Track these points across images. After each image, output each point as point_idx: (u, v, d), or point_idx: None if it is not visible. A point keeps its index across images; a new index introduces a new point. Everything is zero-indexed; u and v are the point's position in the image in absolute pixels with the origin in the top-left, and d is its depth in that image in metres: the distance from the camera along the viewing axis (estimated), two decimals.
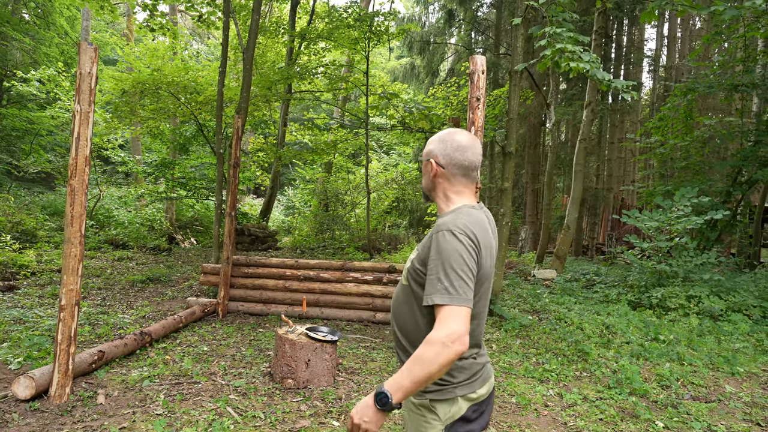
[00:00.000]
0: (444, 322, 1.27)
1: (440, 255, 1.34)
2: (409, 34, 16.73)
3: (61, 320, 3.26)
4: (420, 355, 1.25)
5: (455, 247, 1.33)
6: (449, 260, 1.32)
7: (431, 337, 1.26)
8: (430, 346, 1.24)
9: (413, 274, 1.46)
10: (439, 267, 1.33)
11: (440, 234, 1.37)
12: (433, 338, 1.25)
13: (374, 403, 1.29)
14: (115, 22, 18.57)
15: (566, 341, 5.26)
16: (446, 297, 1.28)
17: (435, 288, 1.31)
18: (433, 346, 1.24)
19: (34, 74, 12.60)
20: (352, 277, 6.10)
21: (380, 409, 1.28)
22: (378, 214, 16.62)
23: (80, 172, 3.28)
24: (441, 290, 1.30)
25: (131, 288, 7.33)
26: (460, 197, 1.53)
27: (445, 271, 1.31)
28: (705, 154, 11.49)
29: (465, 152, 1.51)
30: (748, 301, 6.67)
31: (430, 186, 1.56)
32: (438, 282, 1.31)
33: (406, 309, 1.49)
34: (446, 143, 1.52)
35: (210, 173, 13.76)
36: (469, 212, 1.45)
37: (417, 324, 1.45)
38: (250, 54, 8.56)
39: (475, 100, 3.66)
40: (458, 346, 1.24)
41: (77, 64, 3.28)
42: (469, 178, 1.53)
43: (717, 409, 3.67)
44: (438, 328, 1.26)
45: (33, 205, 12.69)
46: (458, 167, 1.51)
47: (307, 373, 3.74)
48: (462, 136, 1.53)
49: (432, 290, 1.32)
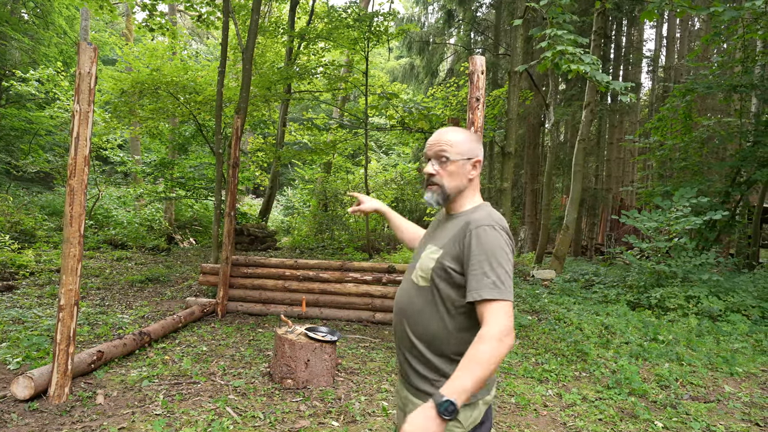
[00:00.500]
0: (495, 318, 1.27)
1: (484, 250, 1.33)
2: (408, 35, 16.74)
3: (60, 320, 3.26)
4: (475, 354, 1.24)
5: (498, 242, 1.35)
6: (495, 255, 1.33)
7: (485, 334, 1.25)
8: (486, 343, 1.23)
9: (441, 274, 1.41)
10: (484, 262, 1.32)
11: (481, 229, 1.37)
12: (487, 335, 1.24)
13: (438, 415, 1.20)
14: (114, 22, 18.54)
15: (565, 341, 5.26)
16: (495, 292, 1.29)
17: (482, 283, 1.30)
18: (489, 343, 1.23)
19: (33, 74, 12.58)
20: (351, 278, 6.10)
21: (447, 418, 1.21)
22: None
23: (79, 172, 3.27)
24: (489, 285, 1.30)
25: (130, 288, 7.32)
26: (479, 195, 1.57)
27: (491, 265, 1.31)
28: (704, 155, 11.52)
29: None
30: (746, 302, 6.68)
31: (464, 186, 1.52)
32: (485, 277, 1.31)
33: (427, 311, 1.44)
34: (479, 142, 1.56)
35: (209, 173, 13.76)
36: (493, 209, 1.48)
37: (443, 326, 1.41)
38: (249, 54, 8.56)
39: (475, 100, 3.66)
40: (510, 341, 1.25)
41: (76, 64, 3.28)
42: None
43: (716, 409, 3.67)
44: (490, 324, 1.26)
45: (32, 205, 12.68)
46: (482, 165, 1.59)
47: (306, 373, 3.74)
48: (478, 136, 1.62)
49: (478, 285, 1.31)
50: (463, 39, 17.79)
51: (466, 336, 1.38)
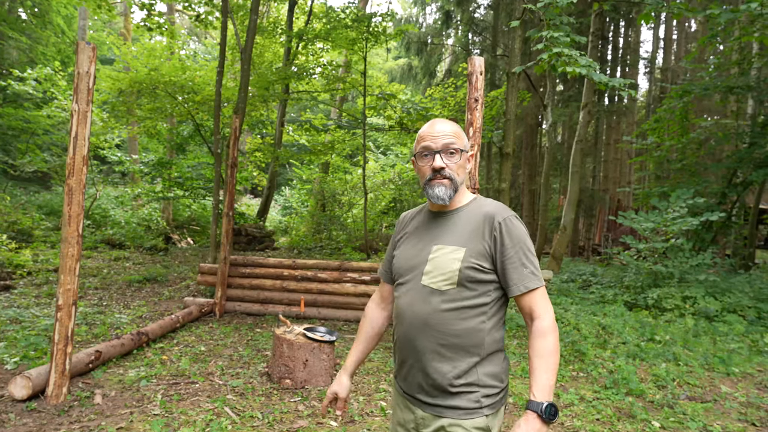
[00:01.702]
0: (543, 306, 1.32)
1: (517, 241, 1.35)
2: (406, 35, 16.76)
3: (58, 320, 3.26)
4: (547, 348, 1.29)
5: (524, 231, 1.38)
6: (525, 244, 1.35)
7: (545, 326, 1.30)
8: (551, 334, 1.30)
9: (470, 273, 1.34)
10: (520, 253, 1.34)
11: (508, 221, 1.37)
12: (548, 326, 1.30)
13: (545, 421, 1.22)
14: (113, 21, 18.50)
15: (563, 341, 5.28)
16: (536, 280, 1.33)
17: (523, 274, 1.33)
18: (553, 333, 1.30)
19: (30, 73, 12.55)
20: (349, 278, 6.11)
21: (551, 421, 1.24)
22: (375, 214, 16.62)
23: (78, 171, 3.27)
24: (529, 275, 1.33)
25: (128, 288, 7.31)
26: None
27: (526, 255, 1.34)
28: (700, 156, 11.56)
29: None
30: (743, 302, 6.71)
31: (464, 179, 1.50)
32: (523, 267, 1.33)
33: (458, 315, 1.35)
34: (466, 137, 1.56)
35: (207, 173, 13.74)
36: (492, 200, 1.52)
37: (480, 326, 1.35)
38: (247, 54, 8.56)
39: (474, 101, 3.67)
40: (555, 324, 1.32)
41: (75, 64, 3.28)
42: None
43: (713, 409, 3.69)
44: (543, 315, 1.31)
45: (29, 205, 12.64)
46: None
47: (304, 373, 3.74)
48: None
49: (521, 277, 1.33)
50: (461, 40, 17.82)
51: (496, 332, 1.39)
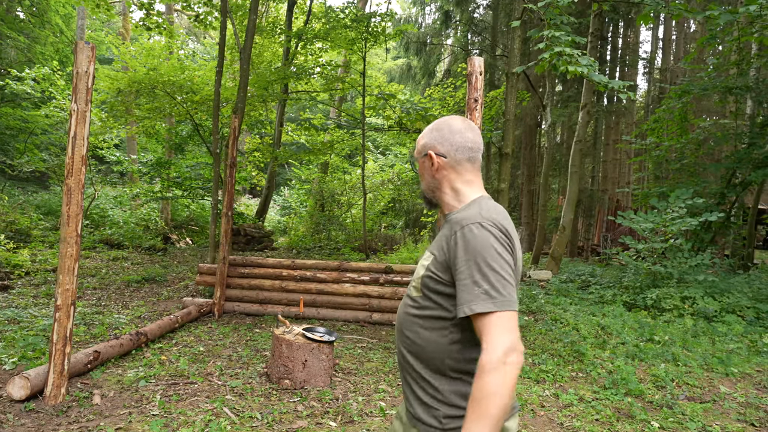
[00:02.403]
0: (493, 337, 1.05)
1: (471, 253, 1.12)
2: (405, 35, 16.76)
3: (56, 320, 3.24)
4: (482, 389, 1.03)
5: (489, 242, 1.12)
6: (484, 257, 1.10)
7: (485, 362, 1.04)
8: (490, 373, 1.03)
9: (430, 283, 1.22)
10: (473, 267, 1.10)
11: (466, 229, 1.15)
12: (488, 363, 1.03)
13: None
14: (111, 21, 18.50)
15: (562, 342, 5.28)
16: (489, 303, 1.07)
17: (472, 294, 1.09)
18: (493, 373, 1.03)
19: (28, 73, 12.52)
20: (348, 278, 6.10)
21: None
22: (374, 214, 16.63)
23: (77, 171, 3.26)
24: (480, 295, 1.08)
25: (126, 288, 7.30)
26: (472, 187, 1.32)
27: (481, 271, 1.09)
28: (699, 156, 11.57)
29: (465, 133, 1.33)
30: (741, 302, 6.72)
31: (434, 184, 1.35)
32: (475, 286, 1.09)
33: (420, 323, 1.25)
34: (441, 130, 1.33)
35: (205, 173, 13.73)
36: (489, 202, 1.26)
37: (438, 339, 1.21)
38: (247, 54, 8.55)
39: (473, 101, 3.67)
40: (516, 358, 1.04)
41: (74, 63, 3.27)
42: (475, 163, 1.33)
43: (712, 409, 3.69)
44: (489, 348, 1.05)
45: (27, 205, 12.61)
46: (463, 150, 1.31)
47: (303, 373, 3.73)
48: (456, 120, 1.35)
49: (469, 297, 1.09)
50: (460, 40, 17.83)
51: (463, 350, 1.20)
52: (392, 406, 3.48)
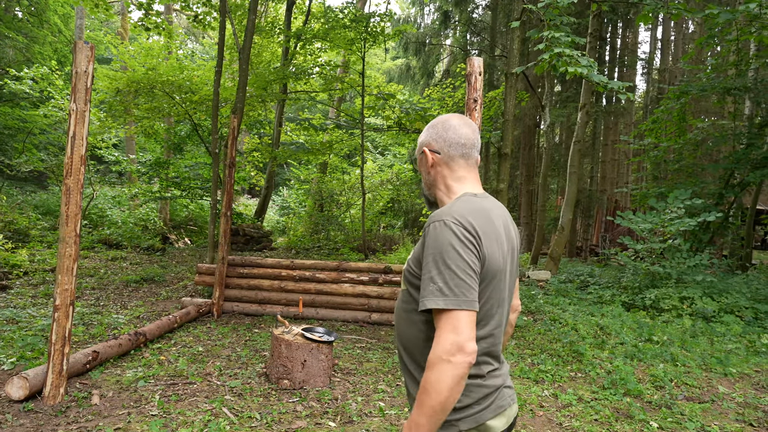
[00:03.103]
0: (441, 333, 1.07)
1: (432, 250, 1.13)
2: (404, 35, 16.76)
3: (55, 320, 3.24)
4: (425, 382, 1.07)
5: (448, 240, 1.12)
6: (442, 255, 1.11)
7: (430, 357, 1.07)
8: (431, 368, 1.06)
9: (409, 277, 1.26)
10: (431, 264, 1.12)
11: (431, 226, 1.17)
12: (432, 358, 1.07)
13: None
14: (110, 21, 18.47)
15: (561, 342, 5.28)
16: (441, 300, 1.08)
17: (427, 289, 1.11)
18: (434, 368, 1.05)
19: (27, 72, 12.50)
20: (347, 278, 6.10)
21: None
22: (373, 214, 16.62)
23: (76, 171, 3.26)
24: (434, 292, 1.09)
25: (125, 288, 7.29)
26: (462, 184, 1.33)
27: (438, 268, 1.11)
28: (698, 157, 11.59)
29: (459, 129, 1.33)
30: (740, 303, 6.74)
31: (431, 181, 1.37)
32: (430, 282, 1.11)
33: (404, 317, 1.28)
34: (436, 127, 1.35)
35: (204, 173, 13.72)
36: (468, 199, 1.26)
37: (416, 333, 1.24)
38: (246, 54, 8.54)
39: (473, 101, 3.67)
40: (463, 357, 1.04)
41: (73, 63, 3.26)
42: (469, 159, 1.34)
43: (710, 409, 3.70)
44: (436, 343, 1.07)
45: (25, 204, 12.59)
46: (455, 147, 1.32)
47: (303, 373, 3.73)
48: (453, 117, 1.37)
49: (425, 292, 1.11)
50: (459, 40, 17.82)
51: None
52: (391, 406, 3.48)
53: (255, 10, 8.74)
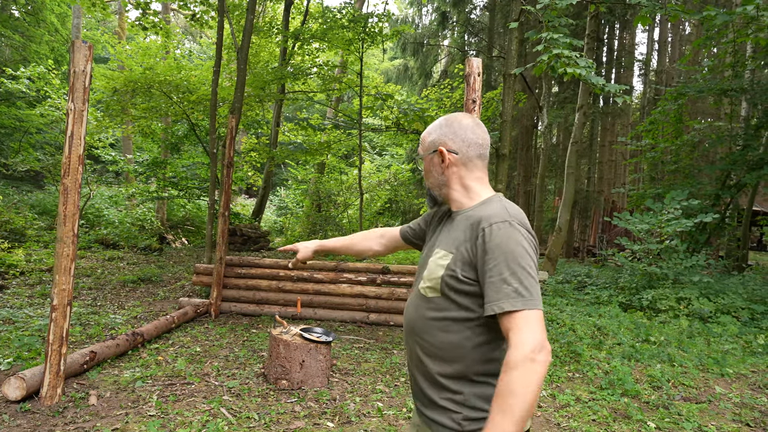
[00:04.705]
0: (522, 334, 1.05)
1: (501, 252, 1.11)
2: (402, 36, 16.77)
3: (52, 320, 3.23)
4: (508, 385, 1.03)
5: (518, 241, 1.12)
6: (514, 256, 1.10)
7: (513, 359, 1.03)
8: (517, 369, 1.02)
9: (452, 283, 1.19)
10: (502, 266, 1.10)
11: (495, 227, 1.14)
12: (516, 359, 1.03)
13: None
14: (107, 20, 18.42)
15: (558, 342, 5.29)
16: (519, 301, 1.06)
17: (502, 292, 1.08)
18: (520, 369, 1.02)
19: (23, 71, 12.44)
20: (345, 278, 6.10)
21: None
22: (371, 215, 16.62)
23: (73, 171, 3.24)
24: (510, 294, 1.07)
25: (122, 288, 7.26)
26: (482, 185, 1.32)
27: (511, 269, 1.09)
28: (694, 158, 11.64)
29: (476, 130, 1.32)
30: (736, 303, 6.76)
31: (442, 181, 1.33)
32: (504, 284, 1.08)
33: (438, 326, 1.22)
34: (453, 126, 1.33)
35: (202, 173, 13.68)
36: (509, 202, 1.25)
37: (459, 342, 1.19)
38: (244, 54, 8.53)
39: (471, 102, 3.68)
40: (545, 356, 1.04)
41: (70, 62, 3.25)
42: (485, 161, 1.34)
43: (707, 409, 3.71)
44: (517, 345, 1.04)
45: (21, 204, 12.54)
46: (474, 147, 1.31)
47: (301, 374, 3.73)
48: (465, 117, 1.34)
49: (498, 295, 1.08)
50: (457, 41, 17.84)
51: (487, 351, 1.19)
52: (389, 406, 3.48)
53: (253, 9, 8.72)
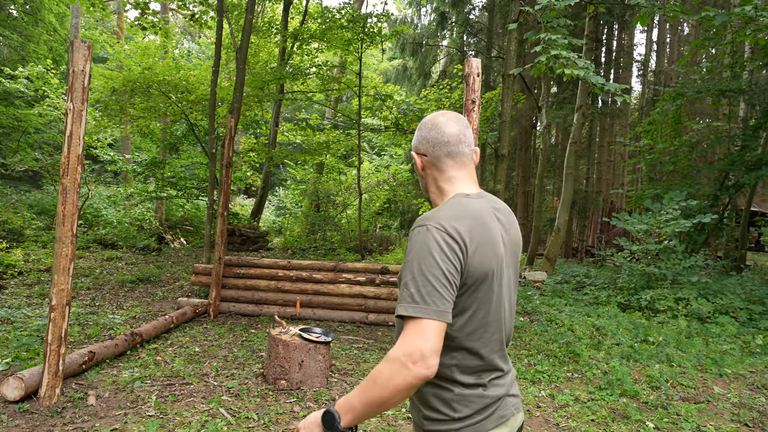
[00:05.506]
0: (405, 338, 1.03)
1: (410, 255, 1.10)
2: (401, 36, 16.77)
3: (51, 320, 3.22)
4: (376, 373, 1.04)
5: (427, 246, 1.08)
6: (419, 262, 1.08)
7: (390, 353, 1.04)
8: (387, 363, 1.03)
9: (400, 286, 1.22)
10: (407, 270, 1.09)
11: (414, 231, 1.13)
12: (391, 355, 1.03)
13: (321, 422, 1.10)
14: (106, 20, 18.38)
15: (557, 342, 5.30)
16: (410, 307, 1.04)
17: (401, 296, 1.08)
18: (389, 364, 1.02)
19: (22, 71, 12.43)
20: (344, 278, 6.09)
21: (326, 429, 1.09)
22: (369, 215, 16.62)
23: (72, 170, 3.24)
24: (406, 298, 1.06)
25: (121, 288, 7.25)
26: (453, 185, 1.27)
27: (412, 274, 1.07)
28: (693, 159, 11.66)
29: (443, 128, 1.25)
30: (734, 304, 6.77)
31: (425, 184, 1.33)
32: (404, 288, 1.08)
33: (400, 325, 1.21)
34: (422, 129, 1.30)
35: (200, 173, 13.67)
36: (458, 201, 1.20)
37: None
38: (243, 54, 8.52)
39: (470, 102, 3.68)
40: (420, 369, 1.00)
41: (70, 62, 3.24)
42: (456, 157, 1.26)
43: (706, 409, 3.72)
44: (399, 344, 1.04)
45: (19, 204, 12.51)
46: (440, 146, 1.25)
47: (300, 374, 3.73)
48: (440, 115, 1.29)
49: (399, 299, 1.08)
50: (456, 41, 17.84)
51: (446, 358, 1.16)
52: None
53: (252, 9, 8.72)
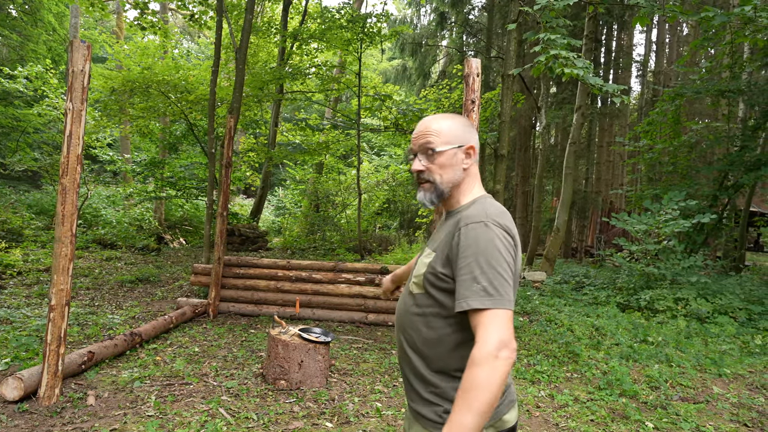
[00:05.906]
0: (487, 331, 1.07)
1: (474, 250, 1.14)
2: (401, 36, 16.77)
3: (50, 320, 3.22)
4: (471, 381, 1.05)
5: (492, 241, 1.14)
6: (486, 256, 1.13)
7: (477, 355, 1.06)
8: (480, 366, 1.05)
9: (433, 280, 1.24)
10: (473, 265, 1.13)
11: (470, 227, 1.17)
12: (479, 356, 1.05)
13: None
14: (105, 20, 18.36)
15: (557, 343, 5.30)
16: (486, 299, 1.09)
17: (470, 290, 1.11)
18: (483, 365, 1.04)
19: (21, 71, 12.41)
20: (344, 278, 6.09)
21: None
22: (369, 215, 16.61)
23: (72, 170, 3.24)
24: (478, 292, 1.10)
25: (120, 288, 7.25)
26: (479, 185, 1.36)
27: (481, 268, 1.12)
28: (692, 159, 11.66)
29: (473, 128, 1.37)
30: (734, 304, 6.78)
31: (459, 178, 1.32)
32: (473, 282, 1.11)
33: (421, 321, 1.27)
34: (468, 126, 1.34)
35: (199, 173, 13.67)
36: (493, 202, 1.27)
37: (440, 338, 1.24)
38: (242, 54, 8.52)
39: (470, 102, 3.68)
40: (508, 354, 1.06)
41: (69, 62, 3.24)
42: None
43: (705, 409, 3.72)
44: (481, 342, 1.07)
45: (19, 204, 12.50)
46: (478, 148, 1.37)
47: (299, 374, 3.73)
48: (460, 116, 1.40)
49: (467, 293, 1.11)
50: (455, 41, 17.85)
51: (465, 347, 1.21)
52: (388, 406, 3.48)
53: (252, 9, 8.72)
